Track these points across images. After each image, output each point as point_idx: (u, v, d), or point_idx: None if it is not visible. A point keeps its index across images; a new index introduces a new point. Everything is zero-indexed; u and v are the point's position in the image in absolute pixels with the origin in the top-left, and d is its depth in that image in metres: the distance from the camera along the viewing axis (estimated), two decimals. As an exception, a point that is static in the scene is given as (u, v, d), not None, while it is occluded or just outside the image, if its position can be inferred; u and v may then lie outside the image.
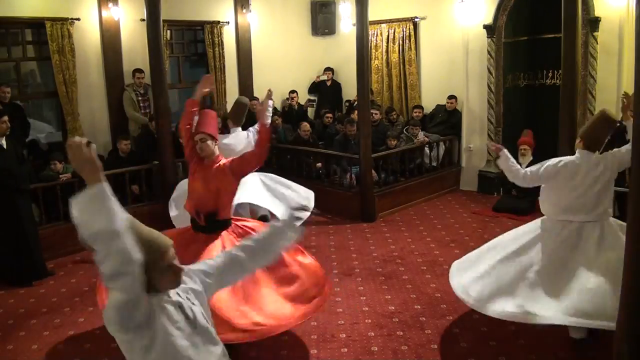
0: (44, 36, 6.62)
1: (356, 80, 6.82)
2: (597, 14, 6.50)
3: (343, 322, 4.31)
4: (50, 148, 6.91)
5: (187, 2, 7.86)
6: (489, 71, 7.64)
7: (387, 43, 8.82)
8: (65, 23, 6.67)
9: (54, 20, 6.60)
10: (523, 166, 6.99)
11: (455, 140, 8.19)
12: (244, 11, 8.49)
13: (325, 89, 9.58)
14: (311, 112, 9.68)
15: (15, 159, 5.17)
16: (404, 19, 8.56)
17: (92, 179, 1.67)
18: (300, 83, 9.48)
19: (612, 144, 5.57)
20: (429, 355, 3.80)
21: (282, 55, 9.09)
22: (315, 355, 3.85)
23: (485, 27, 7.52)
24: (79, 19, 6.84)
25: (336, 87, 9.67)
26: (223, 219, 3.74)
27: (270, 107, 5.86)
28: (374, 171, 6.95)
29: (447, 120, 8.14)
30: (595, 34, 6.56)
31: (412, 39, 8.52)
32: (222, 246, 3.59)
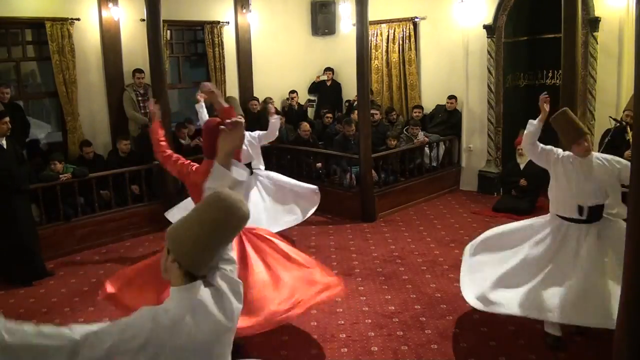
0: (44, 36, 6.61)
1: (356, 80, 6.82)
2: (597, 14, 6.51)
3: (343, 322, 4.31)
4: (50, 148, 6.91)
5: (187, 2, 7.86)
6: (489, 71, 7.65)
7: (387, 43, 8.82)
8: (65, 23, 6.67)
9: (54, 20, 6.60)
10: (521, 166, 7.04)
11: (455, 140, 8.19)
12: (244, 11, 8.49)
13: (325, 89, 9.58)
14: (311, 112, 9.68)
15: (15, 160, 5.17)
16: (404, 19, 8.56)
17: None
18: (300, 83, 9.48)
19: (613, 144, 5.60)
20: (429, 355, 3.80)
21: (282, 55, 9.09)
22: (315, 355, 3.85)
23: (485, 27, 7.52)
24: (79, 19, 6.84)
25: (336, 87, 9.67)
26: None
27: (276, 120, 5.82)
28: (374, 171, 6.95)
29: (447, 120, 8.14)
30: (595, 34, 6.56)
31: (412, 39, 8.52)
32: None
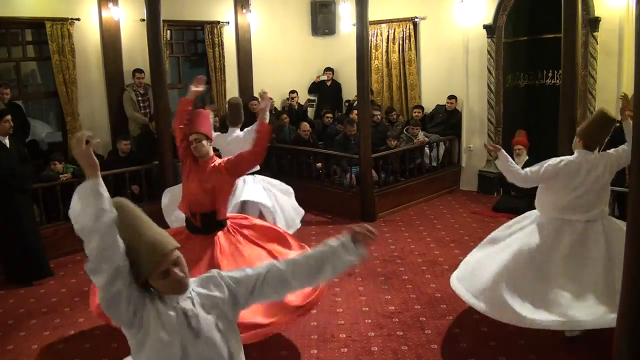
0: (44, 36, 6.61)
1: (356, 80, 6.82)
2: (597, 14, 6.51)
3: (343, 322, 4.31)
4: (50, 148, 6.91)
5: (187, 2, 7.86)
6: (489, 71, 7.65)
7: (387, 43, 8.82)
8: (65, 23, 6.67)
9: (54, 20, 6.59)
10: (519, 166, 7.04)
11: (455, 140, 8.20)
12: (244, 11, 8.49)
13: (325, 89, 9.58)
14: (311, 112, 9.68)
15: (18, 158, 5.18)
16: (404, 19, 8.56)
17: (87, 174, 1.78)
18: (300, 83, 9.48)
19: (612, 144, 5.59)
20: (429, 355, 3.80)
21: (282, 55, 9.09)
22: (315, 355, 3.85)
23: (485, 27, 7.53)
24: (79, 19, 6.84)
25: (336, 87, 9.67)
26: (219, 219, 3.67)
27: (268, 107, 5.82)
28: (374, 171, 6.95)
29: (447, 120, 8.14)
30: (595, 34, 6.56)
31: (412, 39, 8.52)
32: (220, 247, 3.54)
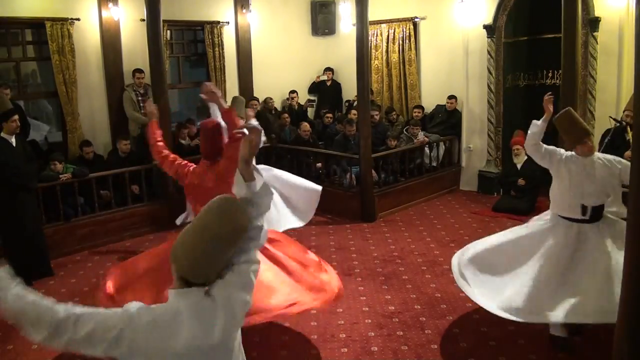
0: (44, 36, 6.61)
1: (356, 80, 6.82)
2: (597, 14, 6.51)
3: (343, 322, 4.31)
4: (50, 148, 6.91)
5: (187, 2, 7.86)
6: (489, 71, 7.65)
7: (387, 43, 8.82)
8: (65, 23, 6.67)
9: (54, 20, 6.59)
10: (518, 166, 7.05)
11: (455, 140, 8.19)
12: (244, 11, 8.49)
13: (325, 89, 9.58)
14: (311, 112, 9.68)
15: (24, 157, 5.21)
16: (404, 19, 8.56)
17: None
18: (300, 83, 9.48)
19: (612, 144, 5.59)
20: (429, 355, 3.80)
21: (282, 55, 9.09)
22: (315, 355, 3.85)
23: (485, 27, 7.52)
24: (79, 19, 6.84)
25: (336, 87, 9.67)
26: None
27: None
28: (374, 171, 6.95)
29: (447, 120, 8.14)
30: (595, 34, 6.56)
31: (412, 39, 8.52)
32: None
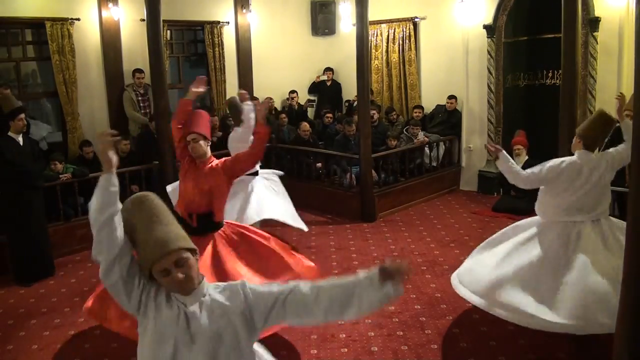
0: (44, 36, 6.61)
1: (356, 80, 6.83)
2: (597, 14, 6.51)
3: (343, 322, 4.31)
4: (50, 148, 6.91)
5: (187, 2, 7.86)
6: (489, 71, 7.65)
7: (387, 43, 8.82)
8: (65, 23, 6.67)
9: (54, 20, 6.59)
10: (519, 166, 7.04)
11: (455, 140, 8.19)
12: (244, 11, 8.49)
13: (325, 89, 9.58)
14: (311, 112, 9.68)
15: (30, 156, 5.25)
16: (404, 19, 8.56)
17: (103, 169, 1.89)
18: (300, 83, 9.48)
19: (612, 144, 5.59)
20: (429, 355, 3.80)
21: (282, 55, 9.09)
22: (315, 355, 3.85)
23: (485, 27, 7.53)
24: (79, 19, 6.84)
25: (336, 87, 9.67)
26: (215, 220, 3.65)
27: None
28: (374, 171, 6.95)
29: (447, 120, 8.14)
30: (595, 34, 6.56)
31: (412, 39, 8.52)
32: (213, 248, 3.53)
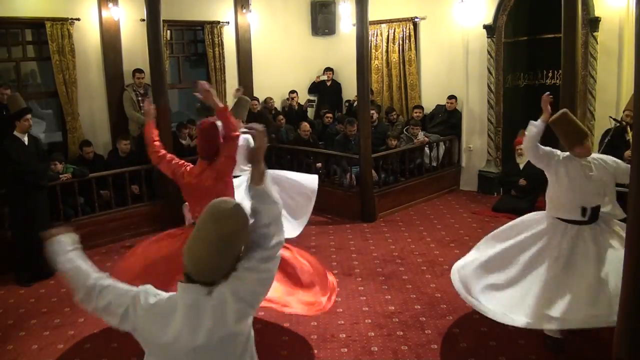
0: (44, 36, 6.62)
1: (356, 80, 6.82)
2: (597, 14, 6.51)
3: (343, 322, 4.31)
4: (50, 148, 6.91)
5: (187, 2, 7.86)
6: (489, 71, 7.65)
7: (387, 43, 8.82)
8: (65, 23, 6.67)
9: (54, 20, 6.60)
10: (520, 166, 7.04)
11: (455, 140, 8.19)
12: (244, 11, 8.49)
13: (325, 89, 9.58)
14: (311, 112, 9.68)
15: (35, 156, 5.29)
16: (404, 19, 8.56)
17: None
18: (300, 83, 9.48)
19: (612, 144, 5.59)
20: (429, 355, 3.80)
21: (282, 55, 9.09)
22: (315, 355, 3.85)
23: (485, 27, 7.53)
24: (79, 19, 6.84)
25: (336, 87, 9.67)
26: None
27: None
28: (374, 171, 6.95)
29: (447, 120, 8.14)
30: (595, 34, 6.56)
31: (412, 39, 8.52)
32: None
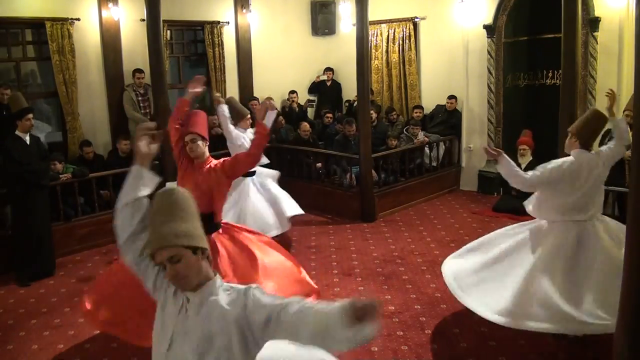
0: (44, 36, 6.62)
1: (356, 80, 6.83)
2: (597, 14, 6.51)
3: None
4: (50, 148, 6.91)
5: (187, 2, 7.86)
6: (489, 71, 7.65)
7: (387, 43, 8.82)
8: (65, 23, 6.67)
9: (54, 20, 6.60)
10: (522, 166, 7.04)
11: (455, 140, 8.20)
12: (244, 11, 8.49)
13: (325, 89, 9.58)
14: (311, 112, 9.68)
15: (37, 155, 5.32)
16: (404, 19, 8.56)
17: (135, 160, 2.04)
18: (300, 83, 9.48)
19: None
20: (429, 355, 3.80)
21: (282, 55, 9.09)
22: (315, 355, 3.85)
23: (485, 27, 7.53)
24: (79, 19, 6.84)
25: (336, 87, 9.67)
26: (215, 221, 3.65)
27: (272, 113, 5.89)
28: (374, 171, 6.95)
29: (447, 120, 8.14)
30: (595, 34, 6.56)
31: (412, 39, 8.52)
32: (213, 249, 3.53)
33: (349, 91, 9.23)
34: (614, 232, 3.61)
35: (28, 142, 5.26)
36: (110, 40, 7.18)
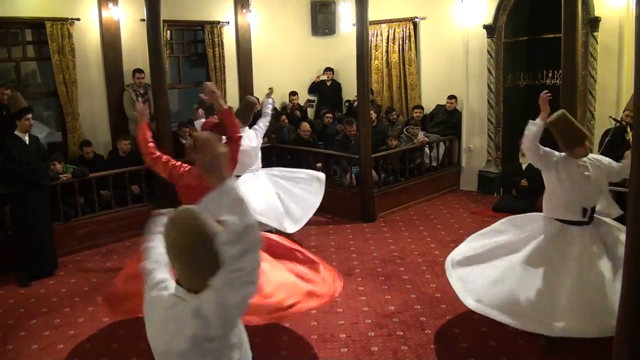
0: (44, 36, 6.62)
1: (356, 80, 6.83)
2: (597, 14, 6.51)
3: (343, 322, 4.31)
4: (50, 148, 6.91)
5: (187, 2, 7.86)
6: (489, 71, 7.65)
7: (387, 43, 8.82)
8: (65, 23, 6.67)
9: (54, 20, 6.59)
10: (523, 166, 7.03)
11: (455, 140, 8.20)
12: (244, 11, 8.48)
13: (325, 89, 9.58)
14: (311, 112, 9.68)
15: (36, 155, 5.33)
16: (404, 19, 8.56)
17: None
18: (300, 83, 9.48)
19: (612, 144, 5.60)
20: (429, 355, 3.80)
21: (282, 55, 9.08)
22: (315, 355, 3.85)
23: (485, 27, 7.53)
24: (79, 19, 6.84)
25: (336, 87, 9.67)
26: None
27: (270, 104, 6.09)
28: (374, 171, 6.95)
29: (447, 120, 8.14)
30: (595, 34, 6.56)
31: (412, 39, 8.52)
32: None
33: (349, 91, 9.22)
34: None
35: (27, 142, 5.27)
36: (110, 40, 7.18)
